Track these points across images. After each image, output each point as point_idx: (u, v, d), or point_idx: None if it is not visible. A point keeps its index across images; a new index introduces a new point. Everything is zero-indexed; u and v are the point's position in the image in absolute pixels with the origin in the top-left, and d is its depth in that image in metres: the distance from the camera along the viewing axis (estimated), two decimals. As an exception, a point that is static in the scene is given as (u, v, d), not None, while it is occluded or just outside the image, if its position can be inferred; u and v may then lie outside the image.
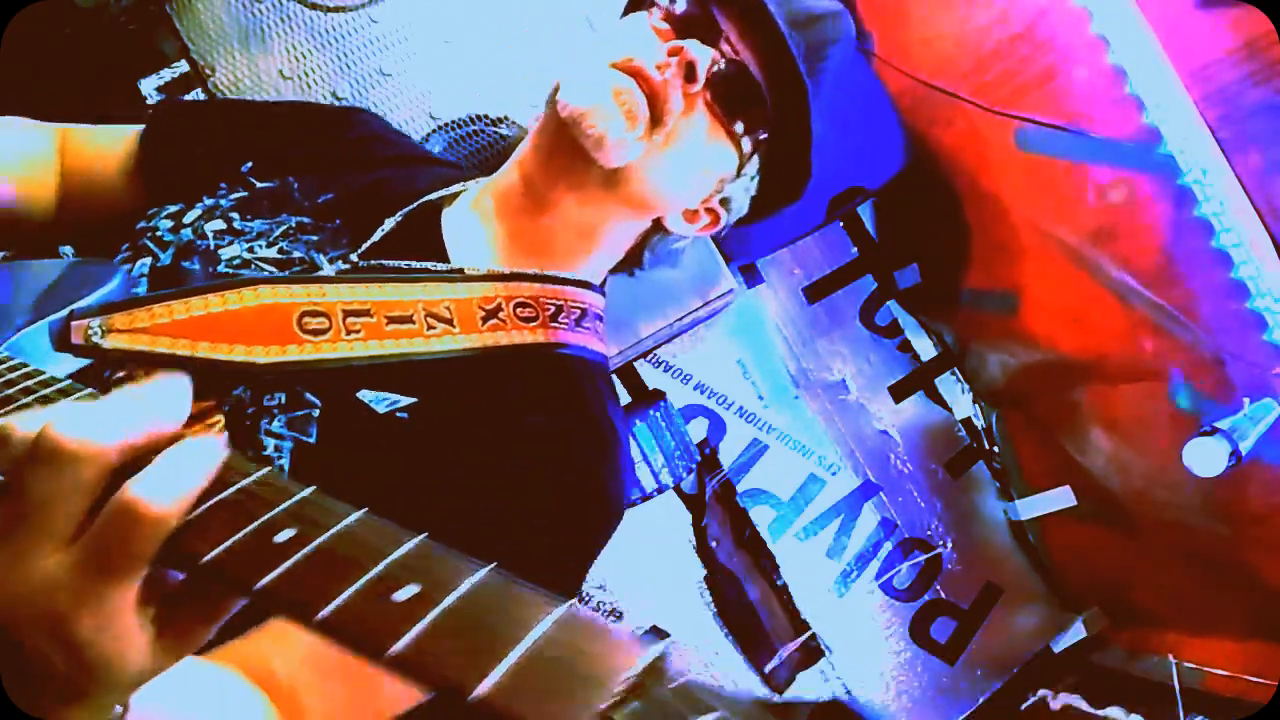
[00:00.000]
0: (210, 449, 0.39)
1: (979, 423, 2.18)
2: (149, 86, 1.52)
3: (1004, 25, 1.57)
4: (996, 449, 2.15)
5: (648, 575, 1.94)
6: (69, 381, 0.53)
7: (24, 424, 0.38)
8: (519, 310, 0.86)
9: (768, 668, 1.96)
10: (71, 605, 0.36)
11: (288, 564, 0.35)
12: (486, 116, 1.47)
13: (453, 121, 1.47)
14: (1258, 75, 1.26)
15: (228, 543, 0.36)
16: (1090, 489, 1.90)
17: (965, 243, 1.91)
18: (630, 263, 1.03)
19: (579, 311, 0.92)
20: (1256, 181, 1.32)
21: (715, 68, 0.85)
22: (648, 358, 1.97)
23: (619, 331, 1.49)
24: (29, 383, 0.53)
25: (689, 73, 0.83)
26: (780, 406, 2.06)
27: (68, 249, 1.37)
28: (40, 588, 0.36)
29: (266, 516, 0.37)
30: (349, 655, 0.33)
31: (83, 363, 0.73)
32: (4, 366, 0.58)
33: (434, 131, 1.47)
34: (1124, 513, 1.82)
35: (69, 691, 0.38)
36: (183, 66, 1.49)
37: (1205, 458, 1.30)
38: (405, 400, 0.77)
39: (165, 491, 0.36)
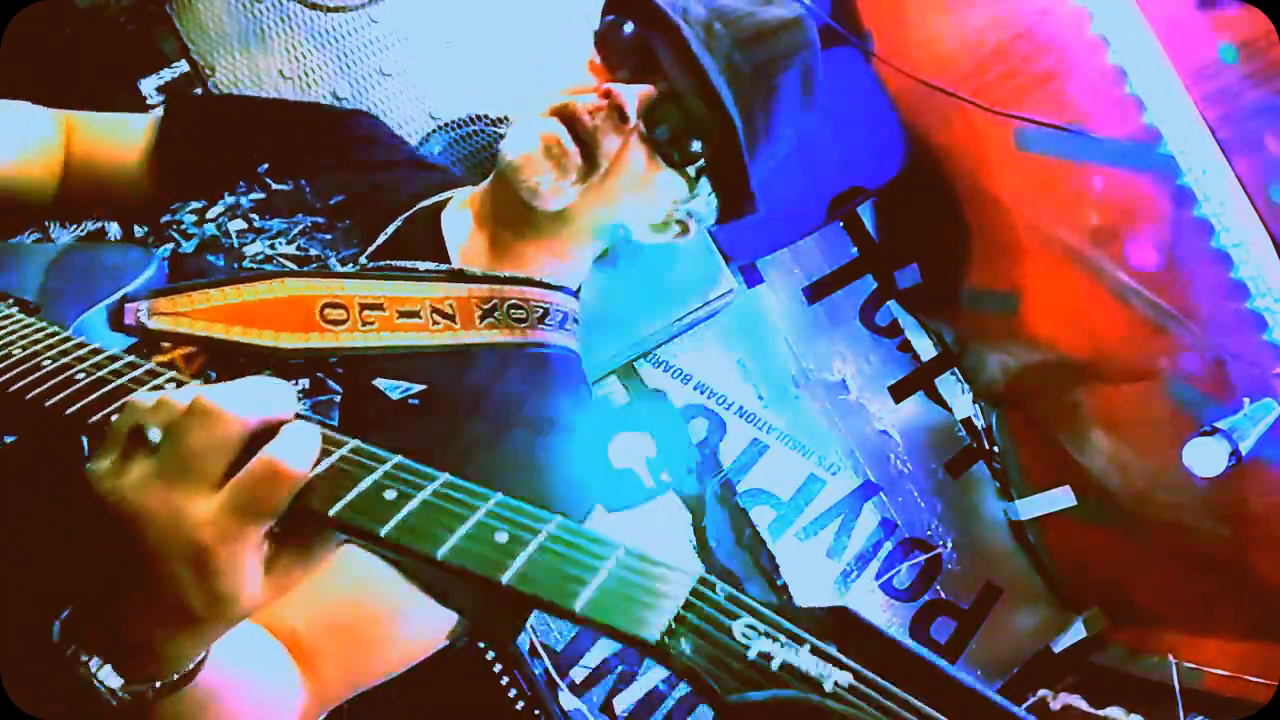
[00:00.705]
0: (316, 429, 0.47)
1: (979, 423, 2.18)
2: (149, 86, 1.52)
3: (1004, 26, 1.57)
4: (996, 449, 2.15)
5: (648, 575, 1.94)
6: (146, 363, 0.59)
7: (176, 395, 0.47)
8: (512, 311, 0.95)
9: (768, 668, 1.96)
10: (214, 539, 0.44)
11: (401, 515, 0.43)
12: (486, 116, 1.46)
13: (453, 121, 1.46)
14: (1258, 75, 1.26)
15: (348, 497, 0.44)
16: (1090, 489, 1.90)
17: (965, 243, 1.91)
18: (606, 260, 1.08)
19: (562, 315, 1.00)
20: (1256, 181, 1.32)
21: (650, 102, 0.89)
22: (648, 358, 1.97)
23: (619, 331, 1.49)
24: (117, 364, 0.58)
25: (619, 115, 0.86)
26: (780, 406, 2.06)
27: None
28: (191, 522, 0.45)
29: (372, 478, 0.45)
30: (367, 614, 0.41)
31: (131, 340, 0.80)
32: (74, 343, 0.63)
33: (434, 131, 1.47)
34: (1124, 513, 1.82)
35: (185, 617, 0.47)
36: (183, 66, 1.50)
37: (1205, 458, 1.30)
38: (417, 387, 0.85)
39: (300, 456, 0.45)
